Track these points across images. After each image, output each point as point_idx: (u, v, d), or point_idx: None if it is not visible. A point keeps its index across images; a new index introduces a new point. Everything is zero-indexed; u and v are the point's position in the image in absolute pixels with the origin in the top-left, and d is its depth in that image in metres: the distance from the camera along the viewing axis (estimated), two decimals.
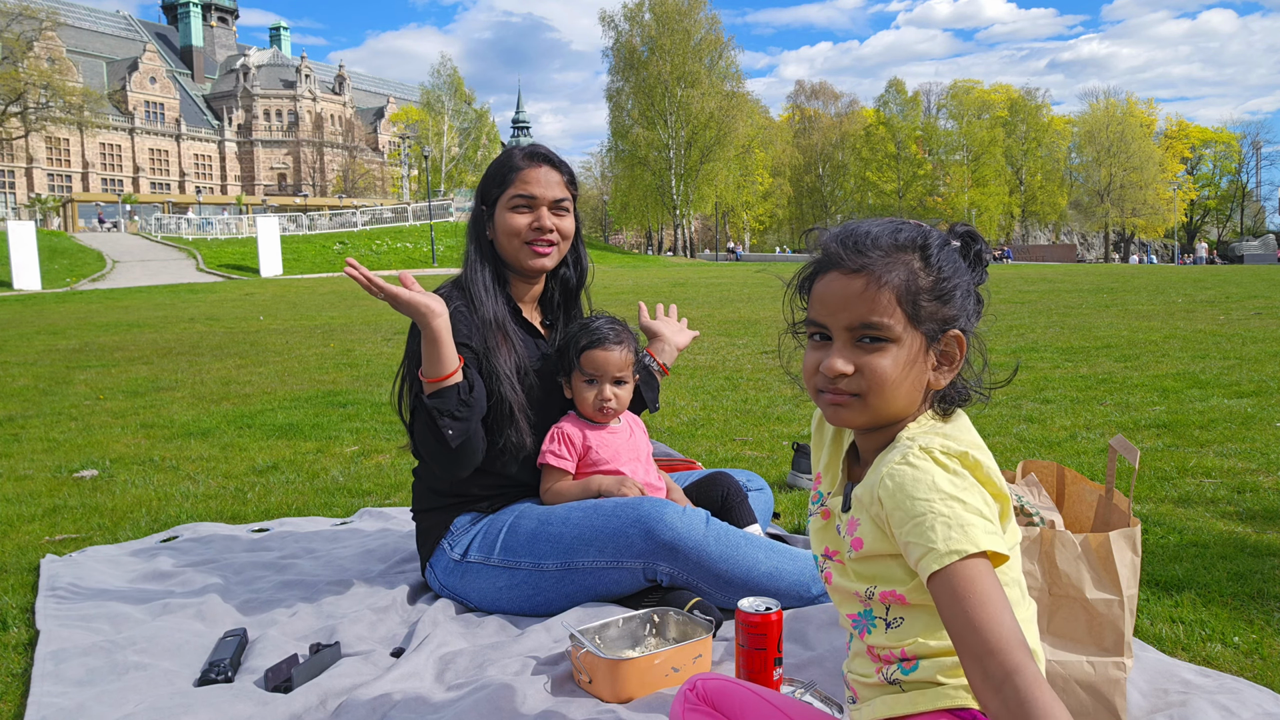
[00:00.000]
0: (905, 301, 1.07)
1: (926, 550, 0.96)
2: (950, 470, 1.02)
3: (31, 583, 2.45)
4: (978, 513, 0.99)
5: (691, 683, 1.24)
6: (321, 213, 49.96)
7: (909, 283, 1.08)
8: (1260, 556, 2.40)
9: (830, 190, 70.20)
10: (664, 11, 57.92)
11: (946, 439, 1.06)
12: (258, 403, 5.67)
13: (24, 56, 48.97)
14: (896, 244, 1.09)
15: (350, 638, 1.97)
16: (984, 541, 0.96)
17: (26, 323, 13.79)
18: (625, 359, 2.21)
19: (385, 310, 14.68)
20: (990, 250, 1.17)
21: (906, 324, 1.08)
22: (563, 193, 2.21)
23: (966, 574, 0.94)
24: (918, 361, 1.09)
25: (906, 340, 1.08)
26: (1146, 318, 10.06)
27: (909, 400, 1.10)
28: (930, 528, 0.97)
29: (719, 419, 4.75)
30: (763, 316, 11.65)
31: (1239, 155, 74.78)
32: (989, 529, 0.98)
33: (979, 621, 0.92)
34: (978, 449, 1.07)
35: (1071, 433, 4.07)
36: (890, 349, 1.08)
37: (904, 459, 1.03)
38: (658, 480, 2.30)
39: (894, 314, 1.07)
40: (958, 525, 0.97)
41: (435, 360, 1.96)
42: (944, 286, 1.09)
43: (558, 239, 2.21)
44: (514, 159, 2.21)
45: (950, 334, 1.10)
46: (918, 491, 1.00)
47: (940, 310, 1.09)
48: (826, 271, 1.11)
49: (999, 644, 0.91)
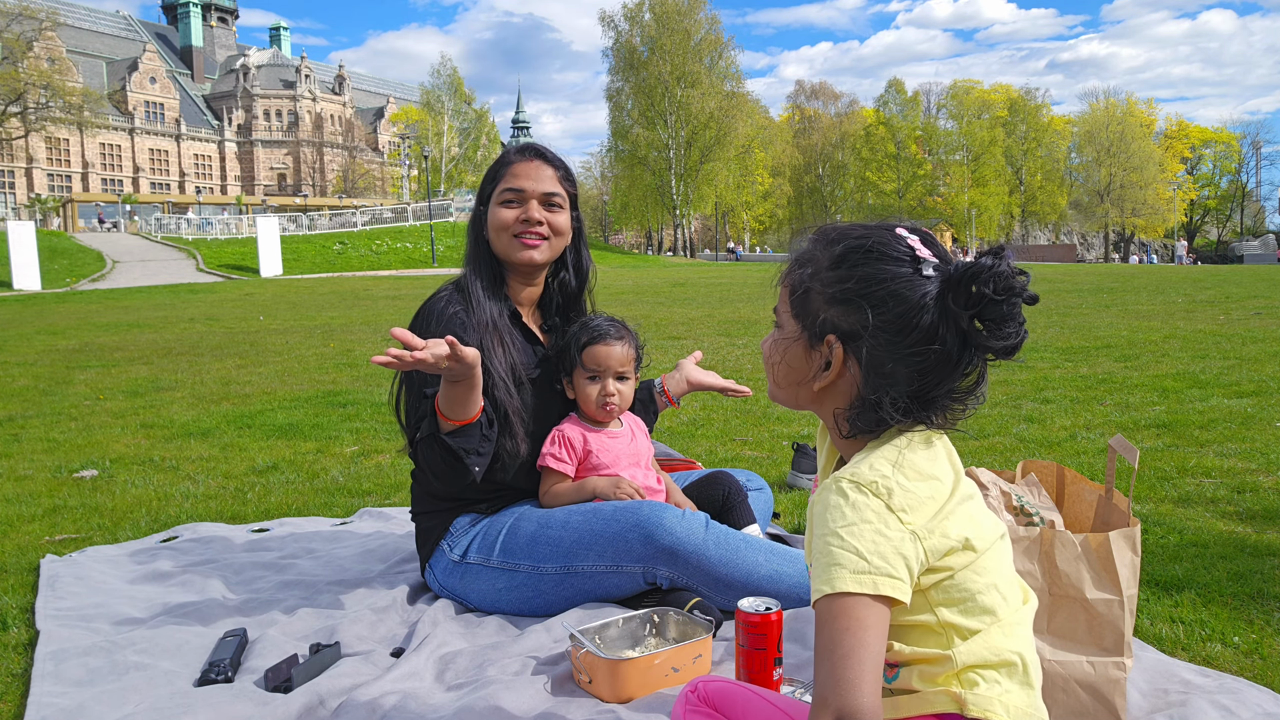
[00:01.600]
0: (794, 291, 1.14)
1: (812, 582, 1.04)
2: (849, 501, 1.03)
3: (31, 583, 2.45)
4: (854, 550, 1.00)
5: (693, 685, 1.24)
6: (321, 213, 49.97)
7: (801, 279, 1.13)
8: (1260, 556, 2.40)
9: (830, 190, 70.17)
10: (664, 11, 57.91)
11: (866, 464, 1.06)
12: (258, 403, 5.67)
13: (24, 56, 48.94)
14: (826, 241, 1.13)
15: (350, 638, 1.97)
16: (843, 584, 0.99)
17: (26, 323, 13.79)
18: (627, 354, 2.21)
19: (385, 311, 14.69)
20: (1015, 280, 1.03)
21: (788, 312, 1.15)
22: (554, 187, 2.18)
23: (824, 613, 1.00)
24: (794, 352, 1.13)
25: (786, 327, 1.15)
26: (1146, 318, 10.06)
27: (794, 391, 1.16)
28: (817, 560, 1.03)
29: (719, 419, 4.75)
30: (763, 316, 11.64)
31: (1239, 155, 74.80)
32: (860, 567, 0.99)
33: (823, 657, 0.98)
34: (898, 469, 1.05)
35: (1071, 433, 4.07)
36: (776, 331, 1.18)
37: (824, 487, 1.07)
38: (657, 483, 2.30)
39: (783, 301, 1.16)
40: (830, 565, 1.01)
41: (465, 403, 1.91)
42: (837, 291, 1.08)
43: (548, 232, 2.18)
44: (507, 155, 2.22)
45: (829, 338, 1.09)
46: (819, 525, 1.04)
47: (828, 311, 1.09)
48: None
49: (835, 683, 0.96)
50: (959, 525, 1.06)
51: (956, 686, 1.06)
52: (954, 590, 1.06)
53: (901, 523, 1.02)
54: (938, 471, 1.09)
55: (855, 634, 0.97)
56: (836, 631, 0.97)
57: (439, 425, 1.95)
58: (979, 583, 1.07)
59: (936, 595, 1.06)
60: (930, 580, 1.05)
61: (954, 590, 1.06)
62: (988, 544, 1.09)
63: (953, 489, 1.09)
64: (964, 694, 1.06)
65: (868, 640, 0.97)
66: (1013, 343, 1.04)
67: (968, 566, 1.07)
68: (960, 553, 1.06)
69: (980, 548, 1.08)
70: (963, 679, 1.07)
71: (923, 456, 1.09)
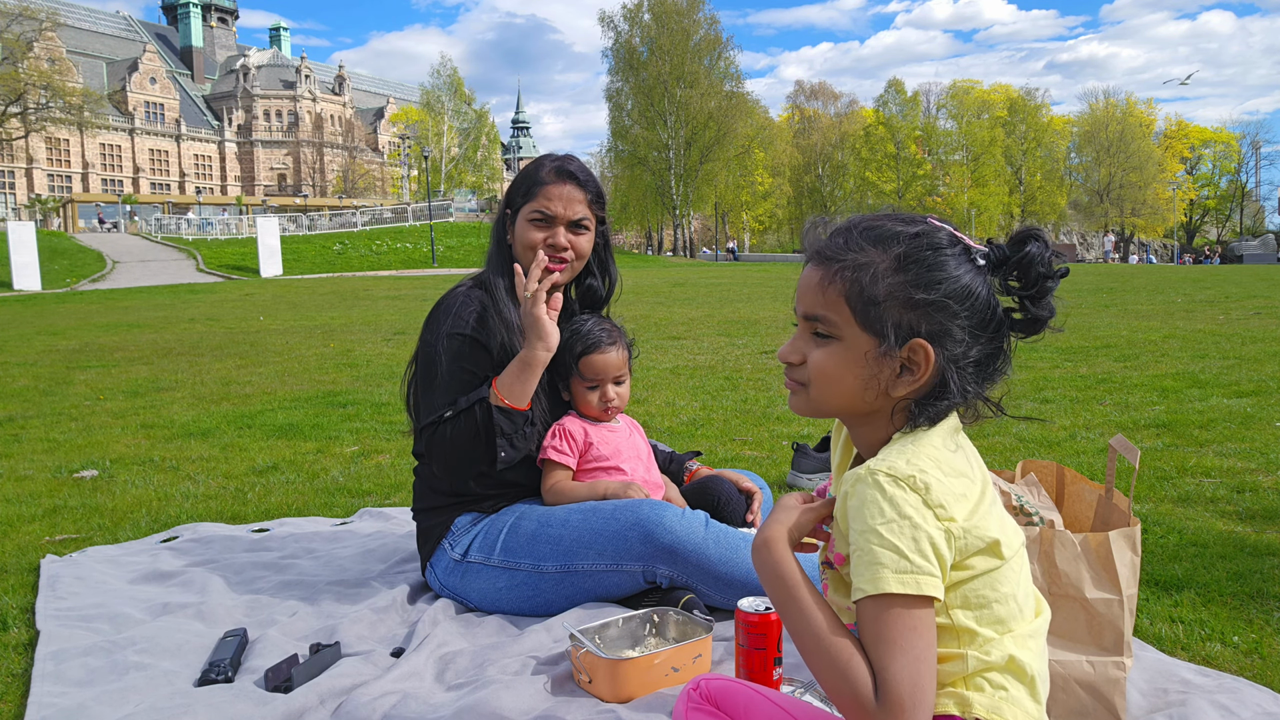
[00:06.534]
0: (854, 300, 1.06)
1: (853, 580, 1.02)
2: (886, 496, 1.01)
3: (31, 583, 2.45)
4: (894, 549, 0.99)
5: (695, 683, 1.24)
6: (321, 213, 50.02)
7: (864, 285, 1.06)
8: (1260, 556, 2.40)
9: (830, 190, 70.09)
10: (663, 11, 57.87)
11: (903, 457, 1.04)
12: (258, 403, 5.67)
13: (24, 57, 48.92)
14: (873, 240, 1.08)
15: (350, 638, 1.97)
16: (886, 585, 0.99)
17: (26, 323, 13.79)
18: (622, 358, 2.23)
19: (385, 311, 14.68)
20: (1054, 261, 1.10)
21: (852, 324, 1.07)
22: (584, 212, 2.20)
23: (869, 613, 1.00)
24: (864, 363, 1.08)
25: (849, 339, 1.07)
26: (1146, 317, 10.06)
27: (858, 401, 1.10)
28: (858, 558, 1.01)
29: (719, 419, 4.75)
30: (762, 316, 11.64)
31: (1238, 155, 74.73)
32: (902, 567, 0.99)
33: (874, 658, 0.99)
34: (936, 464, 1.05)
35: (1071, 433, 4.07)
36: (832, 345, 1.08)
37: (857, 479, 1.04)
38: (659, 478, 2.31)
39: (840, 310, 1.07)
40: (872, 564, 1.00)
41: (527, 386, 2.05)
42: (914, 294, 1.06)
43: (571, 257, 2.20)
44: (541, 171, 2.21)
45: (916, 343, 1.07)
46: (855, 519, 1.02)
47: (904, 316, 1.06)
48: (808, 260, 1.13)
49: (884, 684, 0.97)
50: (991, 526, 1.06)
51: (964, 689, 1.06)
52: (972, 595, 1.06)
53: (938, 519, 1.01)
54: (968, 469, 1.09)
55: (901, 631, 0.98)
56: (879, 630, 0.99)
57: (493, 397, 2.04)
58: (999, 591, 1.06)
59: (954, 598, 1.05)
60: (951, 579, 1.04)
61: (972, 595, 1.06)
62: (1013, 551, 1.09)
63: (982, 489, 1.08)
64: (971, 696, 1.06)
65: (910, 637, 0.98)
66: (1048, 317, 1.11)
67: (991, 572, 1.06)
68: (986, 555, 1.05)
69: (1006, 555, 1.07)
70: (970, 682, 1.06)
71: (954, 453, 1.08)
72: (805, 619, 1.04)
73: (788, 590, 1.07)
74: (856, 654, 1.00)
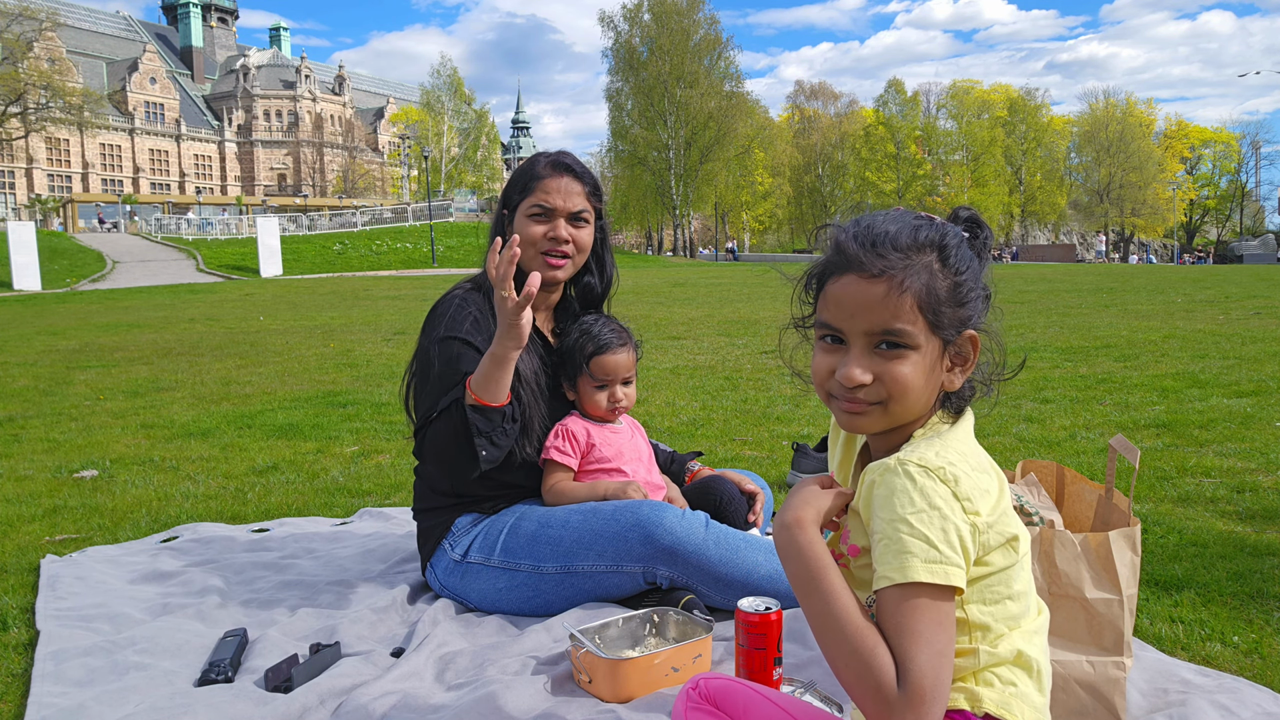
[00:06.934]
0: (927, 308, 1.05)
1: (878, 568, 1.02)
2: (917, 486, 1.01)
3: (31, 583, 2.45)
4: (924, 539, 0.99)
5: (694, 682, 1.24)
6: (321, 213, 50.02)
7: (930, 288, 1.06)
8: (1260, 556, 2.40)
9: (830, 190, 70.07)
10: (663, 11, 57.86)
11: (932, 450, 1.05)
12: (258, 403, 5.67)
13: (24, 57, 48.91)
14: (916, 244, 1.07)
15: (350, 638, 1.97)
16: (915, 574, 0.98)
17: (26, 323, 13.79)
18: (631, 359, 2.24)
19: (385, 311, 14.68)
20: (991, 235, 1.16)
21: (927, 330, 1.06)
22: (583, 204, 2.20)
23: (891, 601, 1.00)
24: (936, 367, 1.08)
25: (926, 346, 1.06)
26: (1146, 318, 10.06)
27: (925, 404, 1.10)
28: (885, 546, 1.01)
29: (719, 419, 4.75)
30: (762, 316, 11.64)
31: (1238, 155, 74.72)
32: (932, 556, 0.99)
33: (897, 648, 0.98)
34: (963, 458, 1.06)
35: (1071, 432, 4.07)
36: (911, 356, 1.06)
37: (886, 470, 1.04)
38: (660, 479, 2.31)
39: (916, 321, 1.05)
40: (900, 552, 0.99)
41: (499, 384, 1.94)
42: (961, 289, 1.08)
43: (573, 251, 2.20)
44: (537, 166, 2.20)
45: (966, 334, 1.09)
46: (883, 509, 1.02)
47: (958, 312, 1.08)
48: (843, 273, 1.08)
49: (907, 674, 0.96)
50: (1011, 523, 1.07)
51: (974, 684, 1.07)
52: (988, 591, 1.06)
53: (965, 512, 1.02)
54: (989, 466, 1.10)
55: (924, 621, 0.98)
56: (901, 620, 0.98)
57: (466, 397, 1.97)
58: (1012, 588, 1.08)
59: (972, 592, 1.06)
60: (972, 574, 1.04)
61: (988, 591, 1.06)
62: (1025, 549, 1.10)
63: (1001, 486, 1.09)
64: (981, 691, 1.06)
65: (932, 629, 0.98)
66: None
67: (1008, 568, 1.07)
68: (1005, 551, 1.06)
69: (1021, 551, 1.08)
70: (980, 677, 1.07)
71: (977, 450, 1.10)
72: (830, 603, 1.02)
73: (815, 573, 1.05)
74: (881, 643, 0.99)
